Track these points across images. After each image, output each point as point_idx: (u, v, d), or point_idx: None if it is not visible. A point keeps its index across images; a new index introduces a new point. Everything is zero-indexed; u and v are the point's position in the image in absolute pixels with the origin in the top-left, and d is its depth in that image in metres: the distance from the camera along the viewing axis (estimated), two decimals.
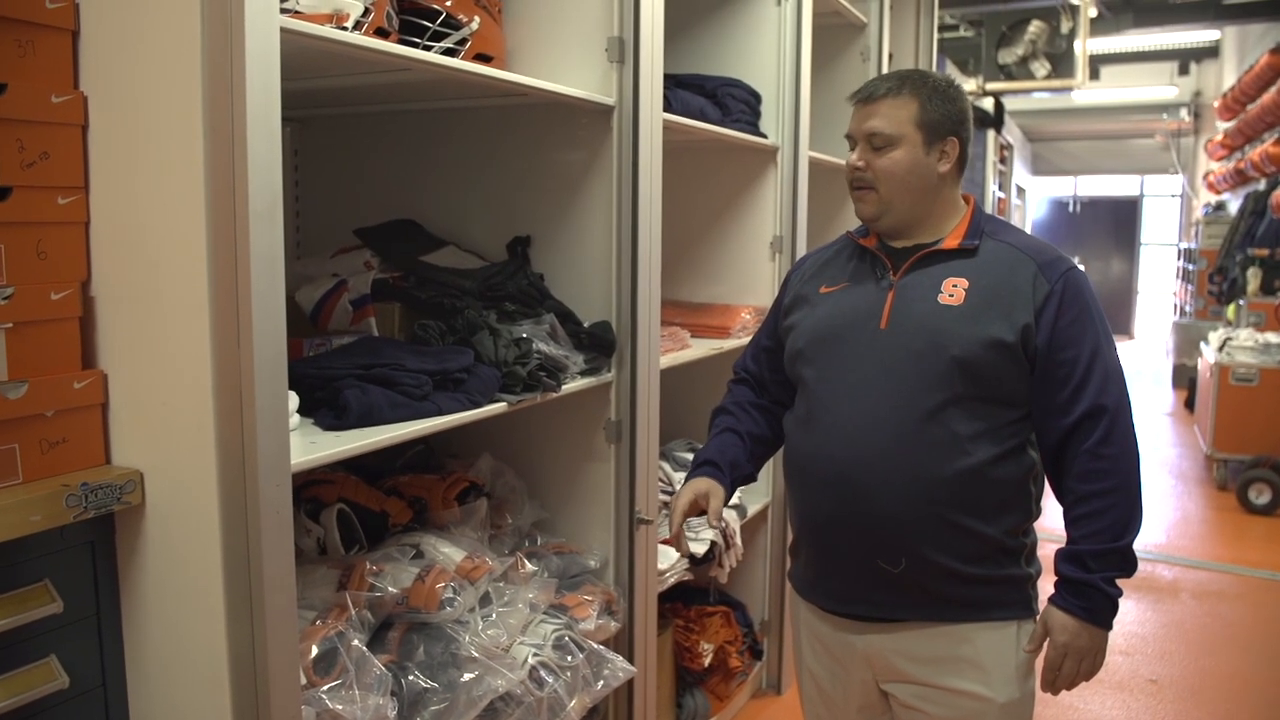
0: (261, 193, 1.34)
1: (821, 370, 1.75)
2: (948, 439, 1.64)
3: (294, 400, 1.61)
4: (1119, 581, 1.64)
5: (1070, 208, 17.09)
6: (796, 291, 1.88)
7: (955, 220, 1.76)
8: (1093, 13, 8.37)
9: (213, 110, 1.33)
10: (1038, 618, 1.72)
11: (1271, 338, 6.32)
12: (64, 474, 1.45)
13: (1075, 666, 1.67)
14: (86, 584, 1.49)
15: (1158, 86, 13.20)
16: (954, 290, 1.68)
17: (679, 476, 2.73)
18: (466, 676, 1.81)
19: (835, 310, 1.78)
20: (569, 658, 2.05)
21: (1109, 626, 1.67)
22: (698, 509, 1.81)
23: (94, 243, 1.50)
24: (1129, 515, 1.64)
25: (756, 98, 3.01)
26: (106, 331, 1.51)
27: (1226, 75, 11.58)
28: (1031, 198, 15.98)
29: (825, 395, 1.74)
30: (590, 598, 2.20)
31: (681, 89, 2.64)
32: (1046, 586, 1.70)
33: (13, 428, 1.41)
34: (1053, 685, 1.70)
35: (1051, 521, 1.79)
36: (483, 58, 1.99)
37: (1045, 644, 1.70)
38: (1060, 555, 1.67)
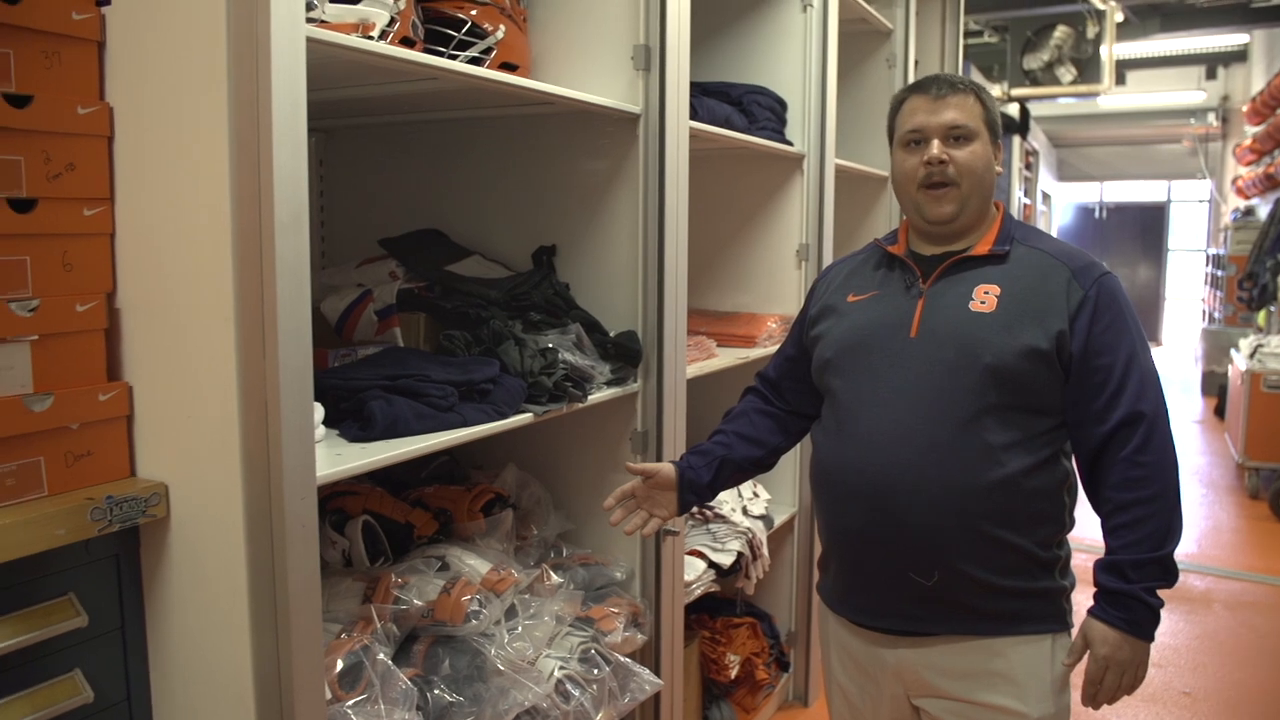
0: (287, 203, 1.33)
1: (851, 380, 1.73)
2: (981, 449, 1.61)
3: (319, 412, 1.60)
4: (1160, 592, 1.61)
5: (1097, 214, 16.97)
6: (824, 301, 1.85)
7: (987, 226, 1.74)
8: (1119, 17, 8.31)
9: (238, 121, 1.33)
10: (1077, 629, 1.68)
11: None
12: (89, 487, 1.45)
13: (1117, 680, 1.63)
14: (111, 598, 1.49)
15: (1185, 91, 13.09)
16: (986, 297, 1.66)
17: None
18: (492, 690, 1.79)
19: (864, 319, 1.75)
20: (595, 671, 2.03)
21: (1151, 638, 1.63)
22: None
23: (119, 254, 1.50)
24: (1169, 524, 1.61)
25: (783, 105, 2.99)
26: (132, 343, 1.50)
27: (1255, 79, 11.46)
28: (1057, 204, 15.90)
29: (855, 406, 1.71)
30: (616, 610, 2.19)
31: (707, 97, 2.62)
32: (1080, 599, 1.66)
33: (38, 440, 1.41)
34: (1094, 700, 1.66)
35: (1084, 532, 1.75)
36: (508, 66, 1.98)
37: (1085, 657, 1.66)
38: (1100, 566, 1.63)
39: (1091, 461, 1.67)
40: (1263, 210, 10.19)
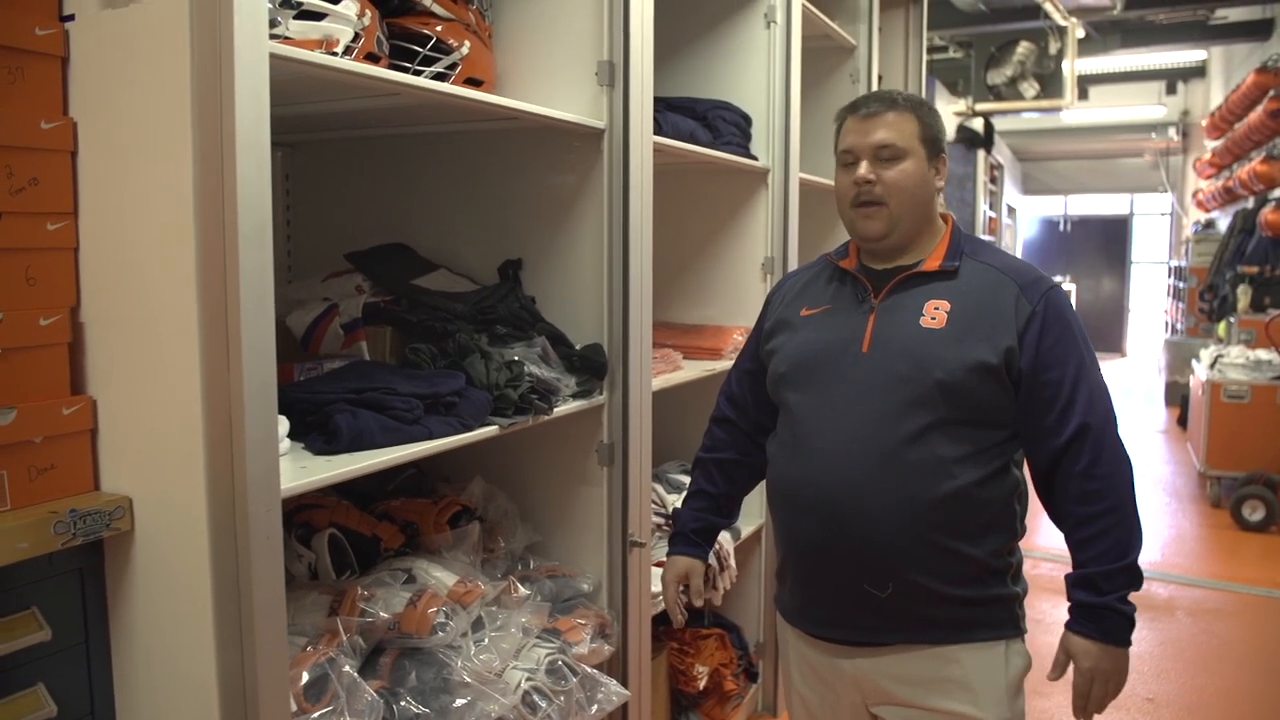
0: (250, 216, 1.34)
1: (804, 394, 1.75)
2: (933, 462, 1.63)
3: (284, 425, 1.60)
4: (1131, 596, 1.65)
5: (1061, 227, 17.17)
6: (778, 315, 1.87)
7: (936, 241, 1.77)
8: (1080, 34, 8.44)
9: (202, 135, 1.33)
10: (1058, 644, 1.72)
11: (1262, 355, 6.33)
12: (52, 500, 1.44)
13: (1104, 689, 1.68)
14: (75, 611, 1.48)
15: (1146, 106, 13.30)
16: (936, 313, 1.68)
17: (672, 499, 2.72)
18: (459, 702, 1.80)
19: (817, 334, 1.77)
20: (562, 682, 2.03)
21: (1129, 643, 1.68)
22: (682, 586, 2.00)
23: (83, 268, 1.50)
24: (1130, 531, 1.65)
25: (747, 120, 3.02)
26: (96, 357, 1.50)
27: (1214, 94, 11.67)
28: (1022, 217, 16.08)
29: (809, 419, 1.73)
30: (583, 621, 2.19)
31: (672, 112, 2.65)
32: (1042, 606, 1.70)
33: (1, 454, 1.40)
34: (1084, 711, 1.71)
35: (1042, 539, 1.79)
36: (473, 82, 2.00)
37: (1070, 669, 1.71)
38: (1071, 581, 1.68)
39: (1046, 475, 1.70)
40: (1222, 223, 10.36)
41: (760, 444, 1.94)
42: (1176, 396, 9.43)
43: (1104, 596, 1.64)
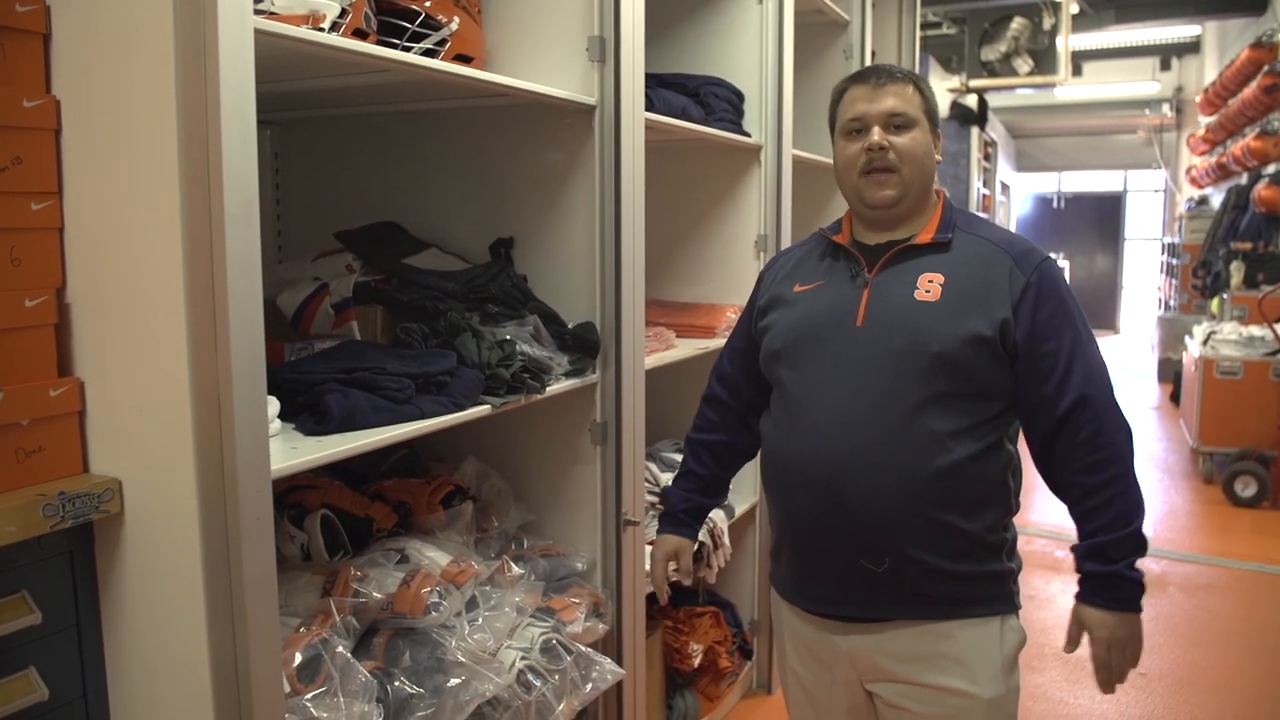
0: (237, 195, 1.32)
1: (799, 371, 1.74)
2: (929, 436, 1.63)
3: (274, 405, 1.59)
4: (1138, 563, 1.65)
5: (1054, 203, 17.18)
6: (771, 292, 1.86)
7: (929, 215, 1.76)
8: (1074, 9, 8.41)
9: (187, 113, 1.32)
10: (1070, 617, 1.71)
11: (1255, 331, 6.34)
12: (41, 483, 1.43)
13: (1122, 656, 1.68)
14: (65, 594, 1.48)
15: (1140, 82, 13.27)
16: (930, 286, 1.68)
17: (666, 477, 2.72)
18: (453, 682, 1.80)
19: (811, 309, 1.76)
20: (557, 661, 2.04)
21: (1140, 609, 1.68)
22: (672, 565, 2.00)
23: (69, 248, 1.48)
24: (1135, 498, 1.65)
25: (739, 96, 3.00)
26: (82, 338, 1.49)
27: (1208, 70, 11.64)
28: (1016, 194, 16.08)
29: (804, 396, 1.72)
30: (578, 600, 2.19)
31: (664, 88, 2.63)
32: (1038, 583, 1.69)
33: None
34: (1108, 683, 1.70)
35: (1036, 516, 1.78)
36: (463, 58, 1.98)
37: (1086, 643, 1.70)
38: (1080, 553, 1.67)
39: (1046, 446, 1.69)
40: (1216, 199, 10.36)
41: (750, 425, 1.94)
42: (1169, 373, 9.45)
43: (1114, 564, 1.64)
